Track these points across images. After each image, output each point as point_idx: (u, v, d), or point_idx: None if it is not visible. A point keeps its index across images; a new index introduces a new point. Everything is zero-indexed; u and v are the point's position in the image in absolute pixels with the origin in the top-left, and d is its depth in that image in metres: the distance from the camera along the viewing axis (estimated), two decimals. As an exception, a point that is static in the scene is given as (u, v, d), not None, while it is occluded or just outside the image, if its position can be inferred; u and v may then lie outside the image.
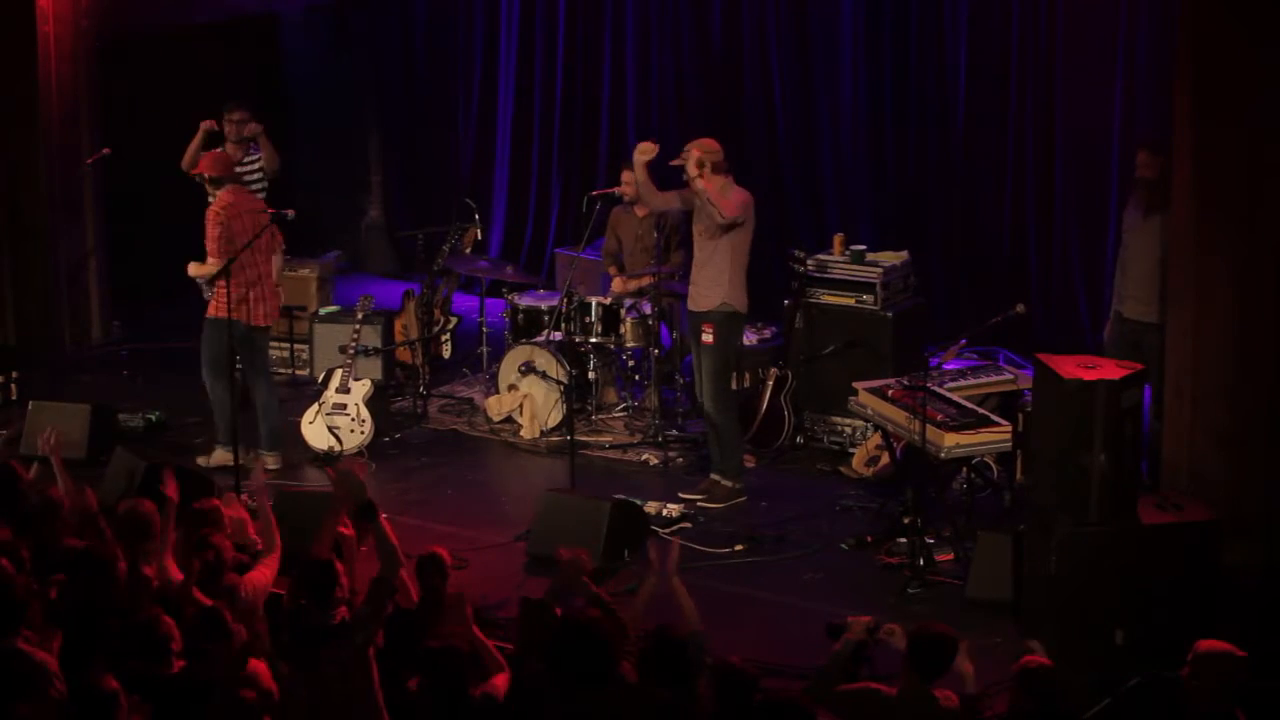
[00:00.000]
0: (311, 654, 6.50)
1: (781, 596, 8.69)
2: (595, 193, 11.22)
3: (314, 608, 6.63)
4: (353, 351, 10.87)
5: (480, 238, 11.95)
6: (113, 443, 10.13)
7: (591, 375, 11.08)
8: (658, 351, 10.86)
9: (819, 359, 10.58)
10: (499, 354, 11.28)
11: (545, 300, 11.49)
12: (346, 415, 10.56)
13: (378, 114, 14.62)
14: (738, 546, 9.23)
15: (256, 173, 11.60)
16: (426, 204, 13.85)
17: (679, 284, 10.48)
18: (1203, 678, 6.18)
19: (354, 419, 10.56)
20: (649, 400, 10.97)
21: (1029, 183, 11.65)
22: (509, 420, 11.02)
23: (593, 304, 10.98)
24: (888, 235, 11.58)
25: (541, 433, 10.86)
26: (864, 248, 10.74)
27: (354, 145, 14.71)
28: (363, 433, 10.58)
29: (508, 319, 11.51)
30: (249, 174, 11.49)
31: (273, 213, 10.22)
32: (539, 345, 10.96)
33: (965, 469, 9.22)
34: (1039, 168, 11.58)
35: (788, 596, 8.68)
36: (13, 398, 11.40)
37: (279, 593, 7.19)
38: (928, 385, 9.04)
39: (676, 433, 10.83)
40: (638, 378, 11.16)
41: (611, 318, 10.96)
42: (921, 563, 8.77)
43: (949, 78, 11.81)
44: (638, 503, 9.41)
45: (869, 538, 9.22)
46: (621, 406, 11.18)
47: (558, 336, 11.06)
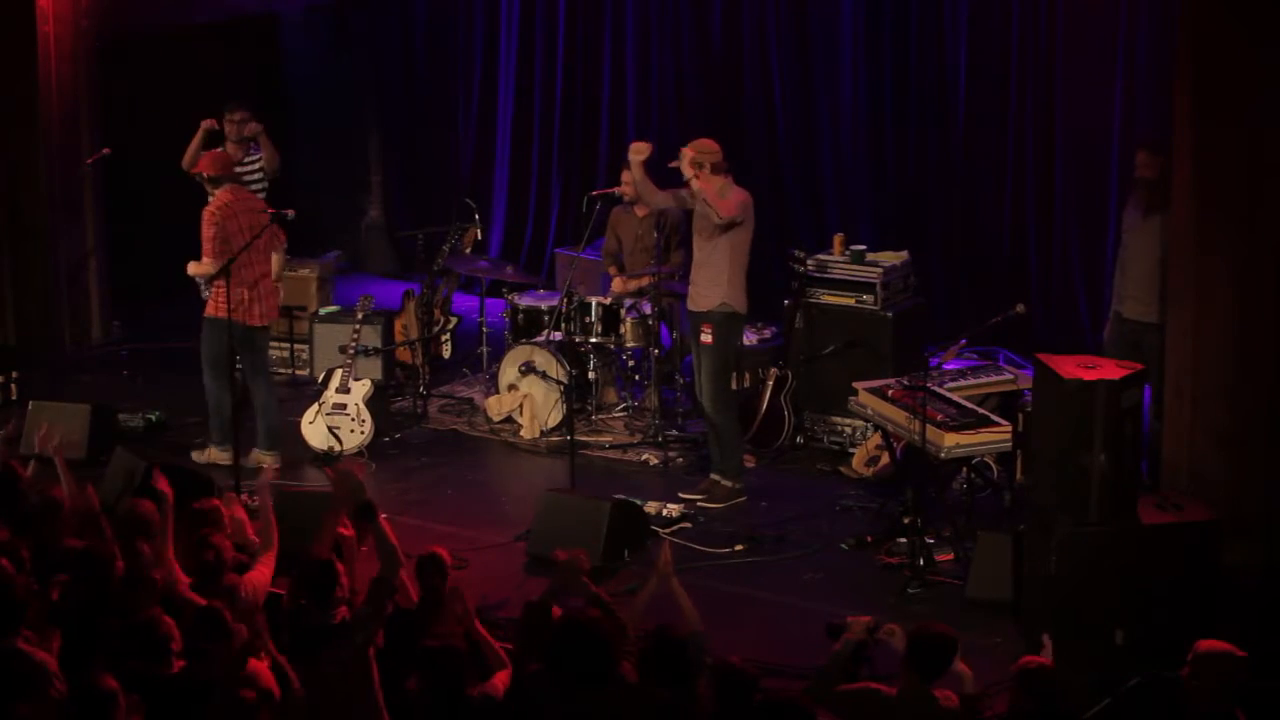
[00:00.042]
0: (312, 654, 6.51)
1: (781, 596, 8.69)
2: (595, 193, 11.21)
3: (314, 608, 6.64)
4: (353, 351, 10.86)
5: (480, 238, 11.95)
6: (113, 443, 10.13)
7: (591, 375, 11.07)
8: (658, 351, 10.85)
9: (819, 359, 10.58)
10: (499, 354, 11.28)
11: (545, 300, 11.49)
12: (346, 415, 10.56)
13: (378, 114, 14.61)
14: (738, 546, 9.23)
15: (257, 173, 11.61)
16: (426, 204, 13.85)
17: (679, 284, 10.48)
18: (1203, 678, 6.18)
19: (354, 419, 10.56)
20: (649, 400, 10.97)
21: (1029, 183, 11.65)
22: (509, 420, 11.01)
23: (593, 304, 10.98)
24: (888, 235, 11.58)
25: (541, 433, 10.86)
26: (864, 248, 10.74)
27: (354, 145, 14.71)
28: (363, 433, 10.58)
29: (508, 319, 11.51)
30: (249, 174, 11.50)
31: (273, 213, 10.22)
32: (539, 345, 10.96)
33: (965, 469, 9.22)
34: (1039, 168, 11.57)
35: (788, 596, 8.68)
36: (13, 398, 11.39)
37: (279, 592, 7.19)
38: (928, 385, 9.04)
39: (676, 433, 10.83)
40: (638, 378, 11.15)
41: (611, 318, 10.96)
42: (921, 563, 8.77)
43: (949, 78, 11.80)
44: (638, 503, 9.42)
45: (869, 538, 9.22)
46: (621, 406, 11.18)
47: (558, 336, 11.06)
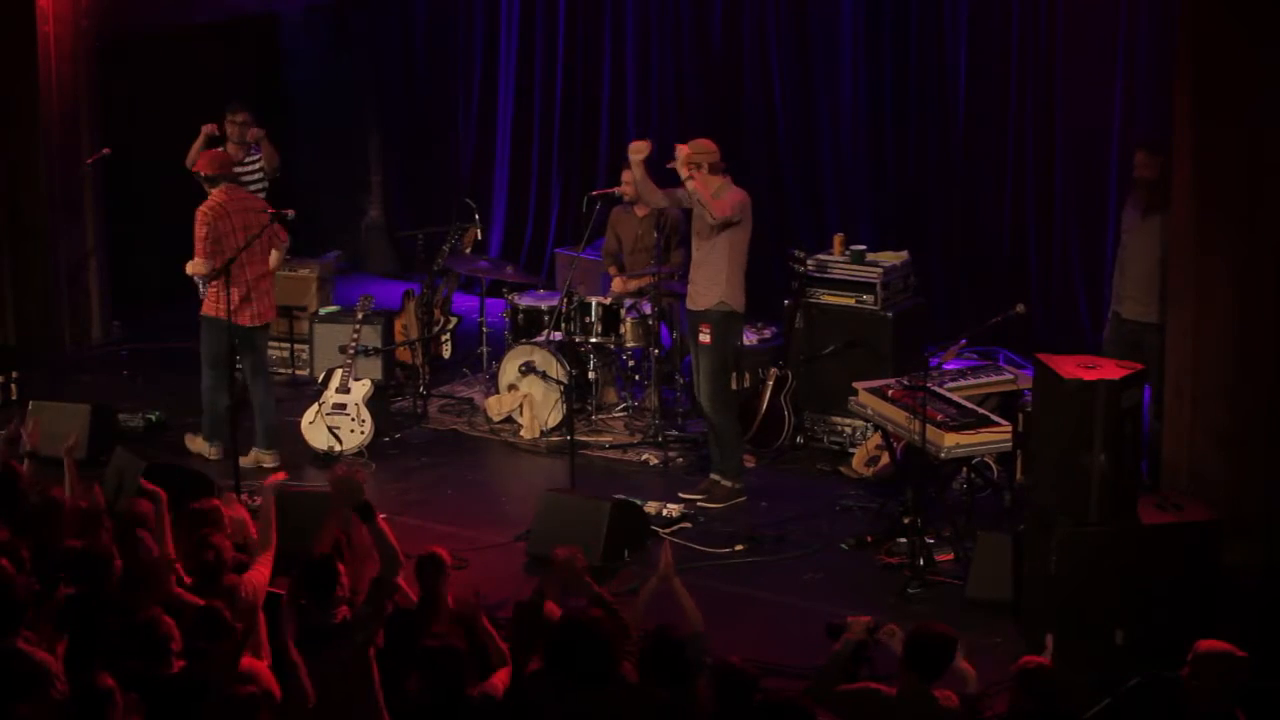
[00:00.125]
0: (312, 654, 6.50)
1: (781, 596, 8.69)
2: (595, 193, 11.21)
3: (314, 607, 6.64)
4: (353, 351, 10.86)
5: (480, 238, 11.95)
6: (113, 443, 10.13)
7: (591, 375, 11.07)
8: (658, 351, 10.85)
9: (819, 359, 10.57)
10: (499, 354, 11.28)
11: (545, 300, 11.49)
12: (346, 415, 10.56)
13: (378, 114, 14.62)
14: (738, 546, 9.23)
15: (257, 173, 11.62)
16: (426, 204, 13.85)
17: (679, 284, 10.47)
18: (1203, 678, 6.18)
19: (354, 419, 10.56)
20: (649, 400, 10.97)
21: (1029, 183, 11.65)
22: (509, 420, 11.01)
23: (593, 304, 10.98)
24: (888, 235, 11.58)
25: (541, 433, 10.86)
26: (864, 248, 10.74)
27: (354, 145, 14.71)
28: (363, 433, 10.57)
29: (508, 319, 11.51)
30: (249, 174, 11.51)
31: (273, 212, 10.23)
32: (539, 345, 10.96)
33: (965, 469, 9.22)
34: (1039, 168, 11.57)
35: (788, 596, 8.68)
36: (13, 398, 11.39)
37: (279, 592, 7.19)
38: (928, 385, 9.04)
39: (676, 433, 10.83)
40: (638, 378, 11.16)
41: (611, 318, 10.96)
42: (921, 563, 8.76)
43: (949, 78, 11.80)
44: (638, 503, 9.42)
45: (869, 538, 9.21)
46: (621, 406, 11.18)
47: (558, 336, 11.06)
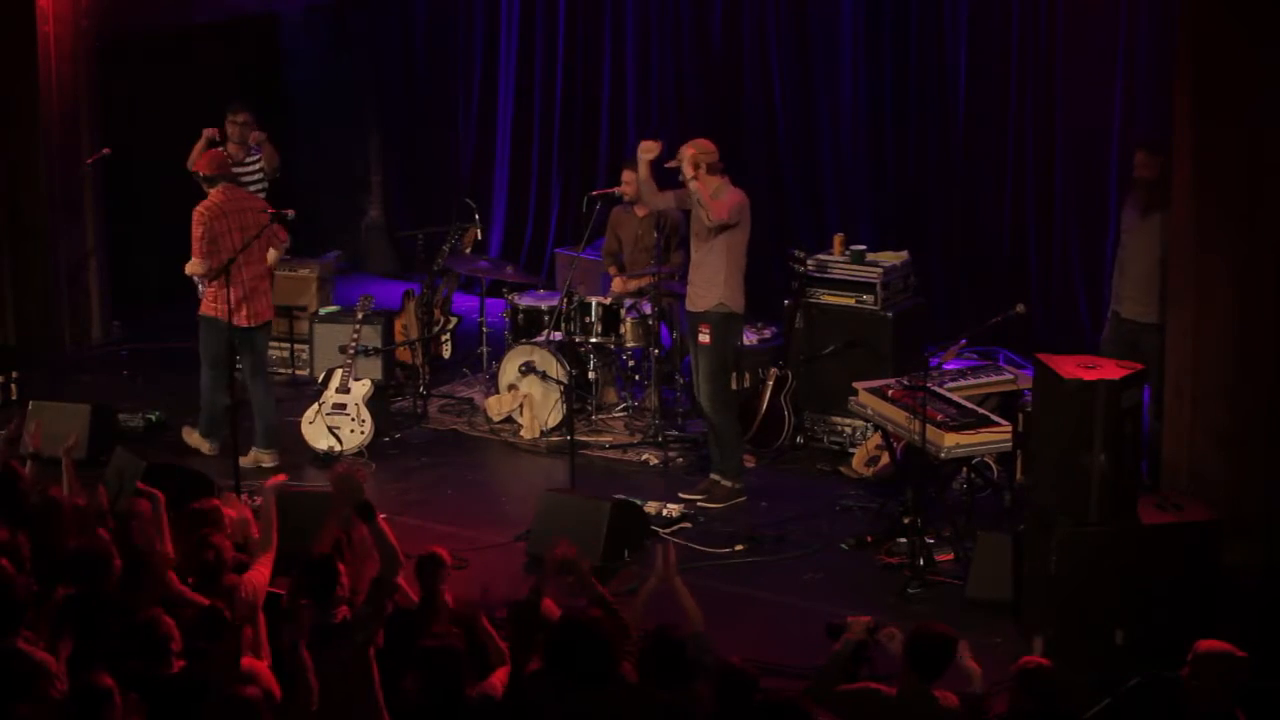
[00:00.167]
0: (312, 654, 6.50)
1: (781, 596, 8.68)
2: (595, 193, 11.21)
3: (314, 607, 6.63)
4: (353, 351, 10.86)
5: (480, 238, 11.94)
6: (113, 443, 10.12)
7: (591, 375, 11.07)
8: (658, 351, 10.85)
9: (819, 359, 10.57)
10: (499, 354, 11.28)
11: (545, 300, 11.49)
12: (346, 415, 10.55)
13: (378, 114, 14.61)
14: (738, 546, 9.22)
15: (257, 173, 11.62)
16: (426, 204, 13.84)
17: (679, 284, 10.47)
18: (1203, 678, 6.18)
19: (354, 419, 10.55)
20: (649, 400, 10.97)
21: (1029, 183, 11.64)
22: (509, 420, 11.01)
23: (593, 304, 10.98)
24: (888, 235, 11.57)
25: (541, 433, 10.86)
26: (864, 248, 10.74)
27: (354, 145, 14.71)
28: (363, 433, 10.57)
29: (508, 319, 11.51)
30: (250, 174, 11.50)
31: (273, 212, 10.23)
32: (539, 345, 10.96)
33: (965, 469, 9.22)
34: (1039, 168, 11.57)
35: (788, 596, 8.67)
36: (13, 398, 11.38)
37: (278, 592, 7.19)
38: (928, 385, 9.04)
39: (676, 433, 10.83)
40: (638, 378, 11.15)
41: (611, 318, 10.96)
42: (921, 563, 8.76)
43: (949, 78, 11.80)
44: (638, 503, 9.42)
45: (869, 538, 9.21)
46: (621, 406, 11.18)
47: (558, 336, 11.05)
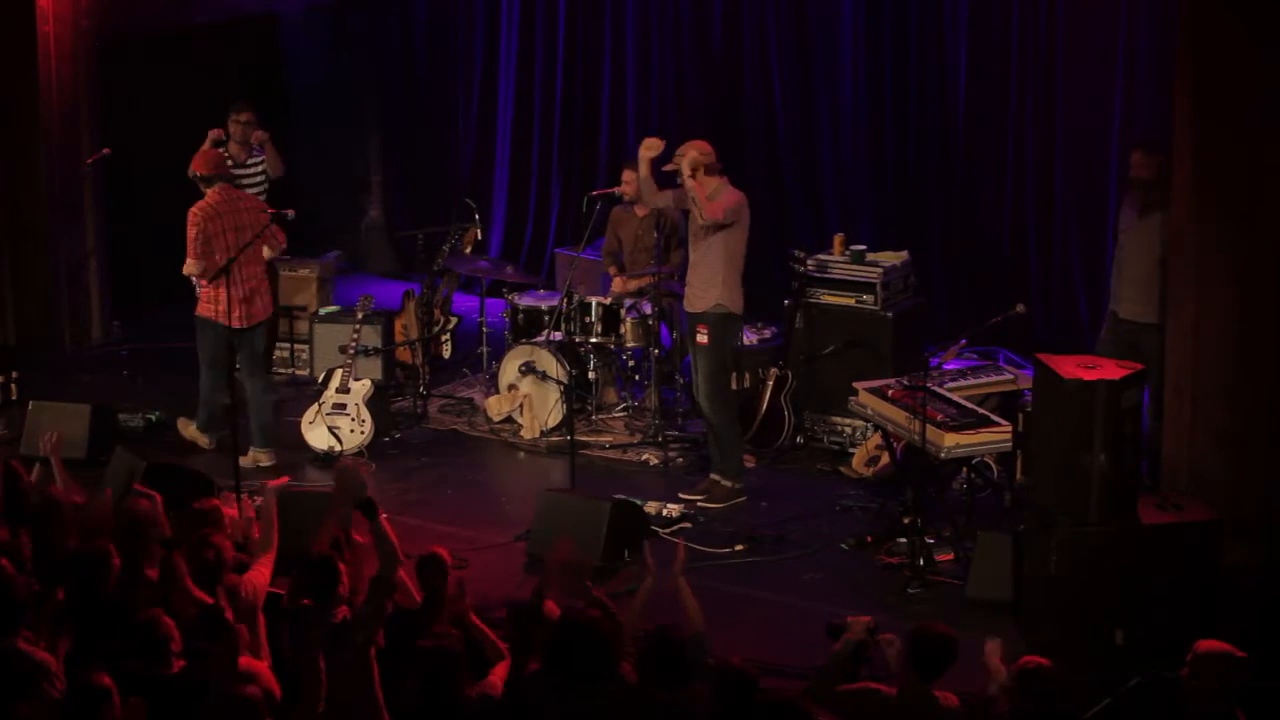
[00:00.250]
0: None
1: (781, 596, 8.68)
2: (595, 193, 11.21)
3: (314, 607, 6.63)
4: (353, 351, 10.86)
5: (480, 238, 11.95)
6: (113, 443, 10.12)
7: (591, 375, 11.07)
8: (658, 351, 10.85)
9: (819, 359, 10.57)
10: (499, 354, 11.28)
11: (545, 300, 11.49)
12: (346, 415, 10.56)
13: (378, 114, 14.61)
14: (738, 546, 9.22)
15: (259, 174, 11.61)
16: (426, 204, 13.85)
17: (678, 284, 10.47)
18: (1203, 678, 6.17)
19: (354, 419, 10.56)
20: (649, 400, 10.96)
21: (1029, 183, 11.64)
22: (509, 420, 11.01)
23: (593, 304, 10.98)
24: (888, 235, 11.57)
25: (541, 433, 10.86)
26: (864, 248, 10.74)
27: (354, 145, 14.71)
28: (363, 433, 10.57)
29: (508, 319, 11.51)
30: (252, 175, 11.51)
31: (273, 213, 10.23)
32: (539, 345, 10.96)
33: (965, 469, 9.22)
34: (1039, 168, 11.57)
35: (788, 596, 8.67)
36: (13, 398, 11.38)
37: (279, 592, 7.19)
38: (928, 385, 9.04)
39: (676, 433, 10.83)
40: (638, 378, 11.16)
41: (611, 318, 10.96)
42: (921, 563, 8.76)
43: (949, 78, 11.79)
44: (638, 503, 9.41)
45: (869, 538, 9.21)
46: (621, 406, 11.18)
47: (558, 336, 11.06)
